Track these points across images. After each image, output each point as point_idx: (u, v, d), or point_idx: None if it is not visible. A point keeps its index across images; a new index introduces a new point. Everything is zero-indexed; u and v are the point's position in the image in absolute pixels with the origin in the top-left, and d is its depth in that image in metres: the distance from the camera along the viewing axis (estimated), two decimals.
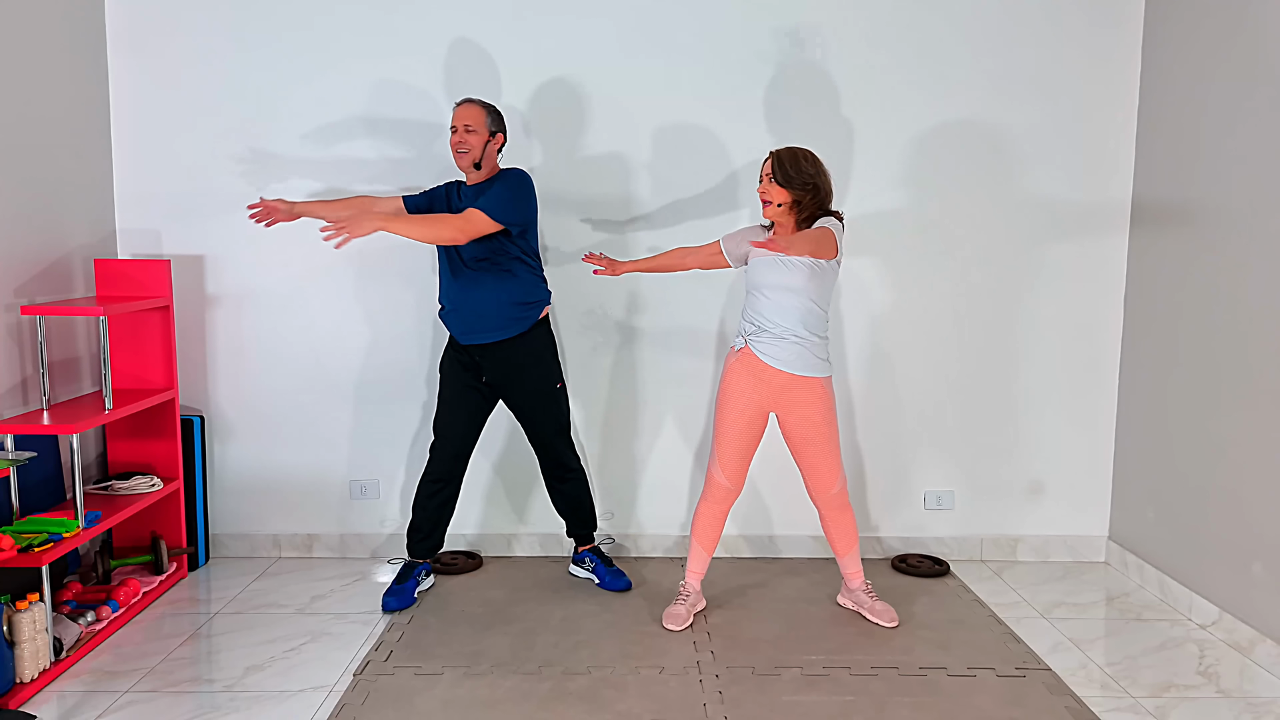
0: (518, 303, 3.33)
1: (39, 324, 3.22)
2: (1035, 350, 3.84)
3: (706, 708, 2.69)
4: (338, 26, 3.71)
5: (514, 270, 3.32)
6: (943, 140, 3.74)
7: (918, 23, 3.71)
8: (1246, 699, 2.78)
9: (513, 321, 3.33)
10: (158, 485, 3.52)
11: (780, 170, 3.05)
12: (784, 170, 3.06)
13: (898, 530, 3.93)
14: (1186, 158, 3.42)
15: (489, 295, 3.31)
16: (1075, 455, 3.89)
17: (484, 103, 3.34)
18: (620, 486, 3.92)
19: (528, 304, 3.35)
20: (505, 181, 3.26)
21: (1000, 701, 2.74)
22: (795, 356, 3.08)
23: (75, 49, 3.54)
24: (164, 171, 3.78)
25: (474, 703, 2.71)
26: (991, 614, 3.36)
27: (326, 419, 3.88)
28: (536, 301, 3.37)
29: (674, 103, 3.73)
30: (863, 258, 3.80)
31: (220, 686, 2.83)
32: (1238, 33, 3.15)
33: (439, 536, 3.51)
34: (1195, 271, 3.36)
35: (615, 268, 3.40)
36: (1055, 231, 3.78)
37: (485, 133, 3.31)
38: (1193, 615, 3.33)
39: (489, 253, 3.29)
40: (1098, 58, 3.72)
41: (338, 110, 3.74)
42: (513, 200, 3.23)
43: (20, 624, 2.74)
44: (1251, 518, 3.06)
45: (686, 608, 3.26)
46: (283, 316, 3.84)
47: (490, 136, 3.32)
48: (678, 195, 3.77)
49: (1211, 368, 3.26)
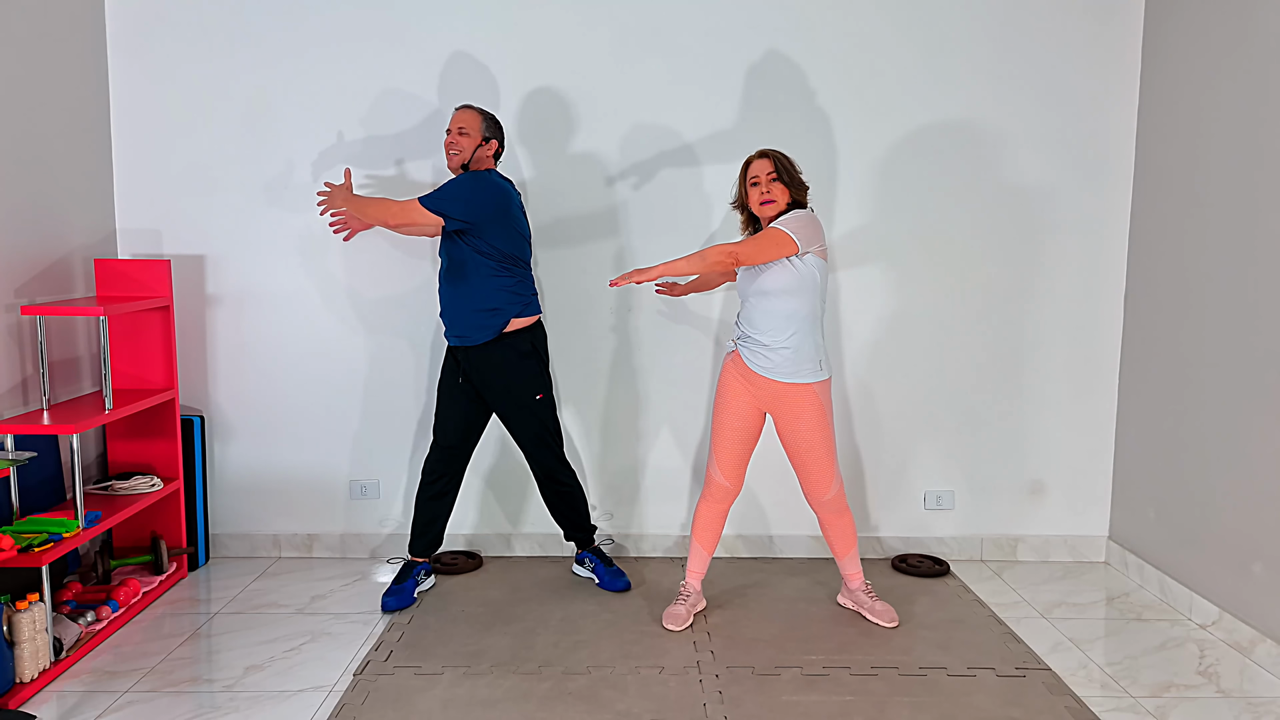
0: (479, 309, 3.31)
1: (39, 324, 3.22)
2: (1035, 350, 3.84)
3: (706, 708, 2.69)
4: (338, 26, 3.71)
5: (480, 275, 3.30)
6: (942, 140, 3.74)
7: (917, 23, 3.70)
8: (1246, 699, 2.78)
9: (477, 328, 3.32)
10: (158, 485, 3.52)
11: (785, 172, 3.06)
12: (787, 171, 3.06)
13: (898, 530, 3.93)
14: (1186, 158, 3.42)
15: (459, 298, 3.33)
16: (1075, 455, 3.89)
17: (482, 110, 3.37)
18: (620, 487, 3.92)
19: (490, 310, 3.31)
20: (459, 178, 3.26)
21: (1000, 701, 2.74)
22: (782, 363, 3.07)
23: (75, 49, 3.54)
24: (164, 171, 3.78)
25: (474, 703, 2.72)
26: (991, 614, 3.35)
27: (326, 419, 3.88)
28: (500, 310, 3.32)
29: (671, 110, 3.73)
30: (863, 258, 3.80)
31: (220, 686, 2.83)
32: (1238, 32, 3.15)
33: (437, 533, 3.51)
34: (1195, 271, 3.36)
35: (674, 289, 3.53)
36: (1055, 231, 3.78)
37: (478, 137, 3.32)
38: (1193, 615, 3.33)
39: (461, 256, 3.30)
40: (1098, 58, 3.72)
41: (339, 110, 3.74)
42: (456, 195, 3.22)
43: (20, 624, 2.74)
44: (1251, 518, 3.06)
45: (686, 608, 3.26)
46: (283, 316, 3.84)
47: (483, 142, 3.33)
48: (674, 202, 3.77)
49: (1212, 368, 3.26)
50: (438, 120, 3.74)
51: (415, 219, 3.21)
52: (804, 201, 3.10)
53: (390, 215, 3.22)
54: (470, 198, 3.22)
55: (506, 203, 3.29)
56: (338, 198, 3.30)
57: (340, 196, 3.30)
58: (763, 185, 3.06)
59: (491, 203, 3.25)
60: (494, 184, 3.27)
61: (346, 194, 3.30)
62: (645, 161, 3.76)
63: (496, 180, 3.29)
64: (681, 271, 2.96)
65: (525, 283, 3.39)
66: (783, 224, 2.99)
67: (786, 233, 2.96)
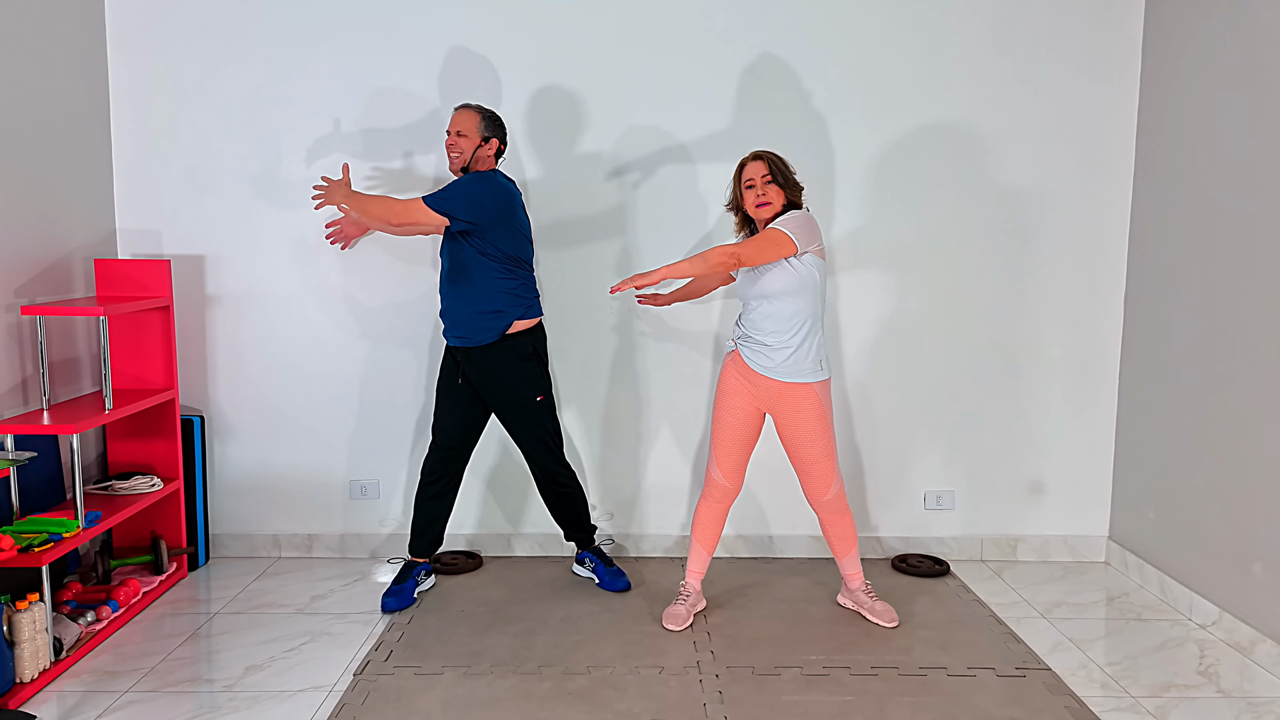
0: (482, 311, 3.30)
1: (39, 324, 3.22)
2: (1035, 350, 3.84)
3: (706, 708, 2.69)
4: (338, 25, 3.71)
5: (484, 276, 3.29)
6: (941, 140, 3.74)
7: (916, 24, 3.70)
8: (1246, 699, 2.78)
9: (479, 330, 3.32)
10: (158, 485, 3.52)
11: (780, 174, 3.06)
12: (782, 173, 3.07)
13: (898, 530, 3.93)
14: (1186, 157, 3.42)
15: (461, 300, 3.32)
16: (1075, 455, 3.89)
17: (481, 108, 3.34)
18: (621, 487, 3.92)
19: (494, 313, 3.31)
20: (463, 179, 3.25)
21: (1000, 701, 2.74)
22: (782, 363, 3.07)
23: (75, 48, 3.54)
24: (164, 172, 3.78)
25: (474, 703, 2.72)
26: (991, 614, 3.36)
27: (326, 419, 3.88)
28: (503, 312, 3.32)
29: (672, 109, 3.73)
30: (862, 259, 3.80)
31: (220, 686, 2.83)
32: (1238, 32, 3.14)
33: (437, 534, 3.51)
34: (1195, 271, 3.36)
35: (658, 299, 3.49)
36: (1055, 231, 3.78)
37: (477, 138, 3.31)
38: (1193, 615, 3.33)
39: (464, 258, 3.29)
40: (1098, 58, 3.71)
41: (339, 109, 3.74)
42: (460, 195, 3.21)
43: (20, 624, 2.74)
44: (1251, 518, 3.06)
45: (686, 608, 3.26)
46: (283, 316, 3.84)
47: (483, 142, 3.32)
48: (674, 201, 3.77)
49: (1211, 367, 3.26)
50: (439, 117, 3.74)
51: (418, 218, 3.18)
52: (799, 202, 3.10)
53: (393, 214, 3.17)
54: (474, 198, 3.21)
55: (510, 204, 3.28)
56: (337, 194, 3.20)
57: (340, 193, 3.20)
58: (758, 188, 3.05)
59: (495, 204, 3.23)
60: (498, 184, 3.26)
61: (346, 190, 3.23)
62: (645, 161, 3.76)
63: (500, 181, 3.28)
64: (684, 274, 2.93)
65: (528, 284, 3.38)
66: (781, 224, 2.99)
67: (785, 233, 2.96)
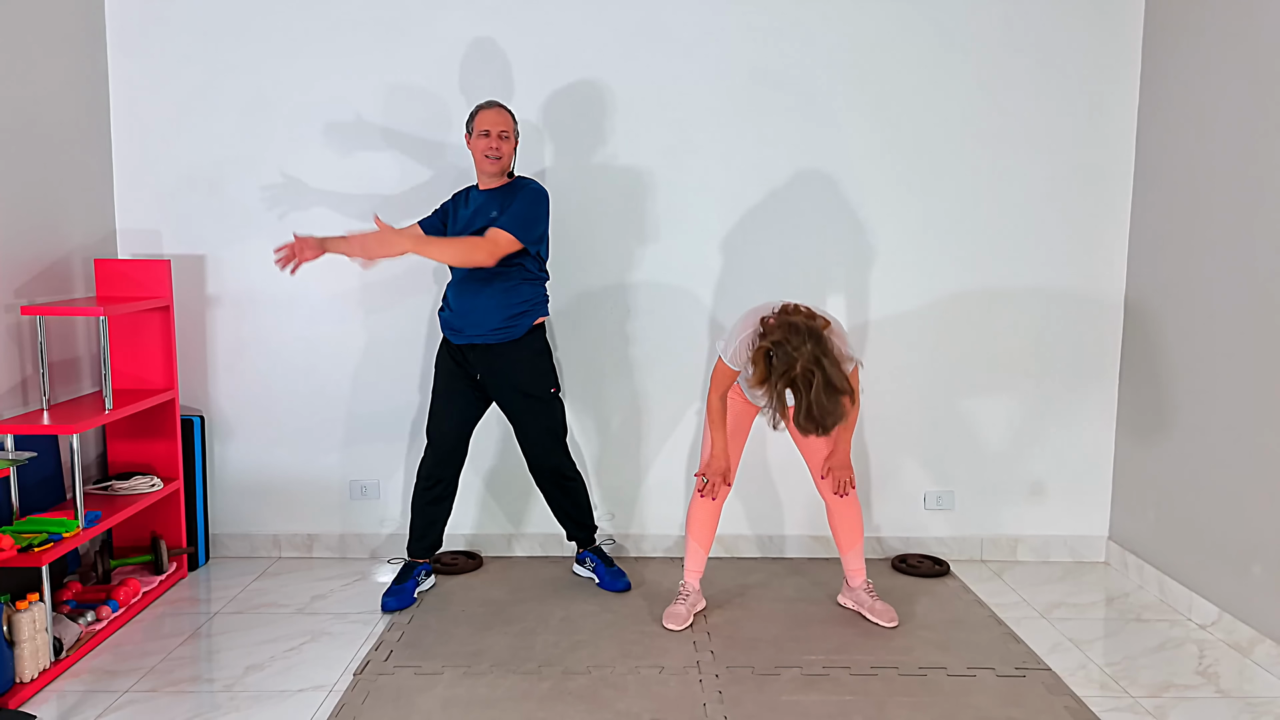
0: (513, 312, 3.32)
1: (39, 324, 3.22)
2: (1035, 350, 3.84)
3: (706, 708, 2.69)
4: (340, 25, 3.71)
5: (516, 279, 3.31)
6: (942, 140, 3.74)
7: (916, 23, 3.71)
8: (1246, 699, 2.78)
9: (505, 329, 3.33)
10: (158, 485, 3.52)
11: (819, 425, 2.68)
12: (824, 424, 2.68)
13: (898, 530, 3.93)
14: (1186, 157, 3.41)
15: (490, 303, 3.31)
16: (1075, 455, 3.89)
17: (508, 107, 3.40)
18: (621, 487, 3.92)
19: (522, 313, 3.34)
20: (525, 199, 3.26)
21: (1000, 701, 2.74)
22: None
23: (75, 49, 3.54)
24: (164, 171, 3.78)
25: (474, 702, 2.72)
26: (991, 614, 3.35)
27: (326, 419, 3.88)
28: (531, 311, 3.36)
29: (672, 110, 3.73)
30: (862, 259, 3.80)
31: (220, 686, 2.83)
32: (1238, 32, 3.15)
33: (436, 536, 3.51)
34: (1195, 271, 3.36)
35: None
36: (1055, 231, 3.78)
37: (515, 139, 3.36)
38: (1193, 615, 3.33)
39: (499, 263, 3.28)
40: (1098, 58, 3.71)
41: (340, 110, 3.74)
42: (535, 220, 3.27)
43: (20, 624, 2.74)
44: (1251, 518, 3.06)
45: (686, 607, 3.26)
46: (283, 316, 3.84)
47: (516, 142, 3.38)
48: (674, 200, 3.77)
49: (1211, 368, 3.26)
50: (442, 117, 3.74)
51: (506, 250, 3.18)
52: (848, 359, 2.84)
53: (480, 254, 3.12)
54: (545, 218, 3.30)
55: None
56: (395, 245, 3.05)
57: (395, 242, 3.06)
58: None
59: (549, 216, 3.33)
60: (548, 198, 3.34)
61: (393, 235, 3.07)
62: (646, 160, 3.76)
63: (545, 190, 3.34)
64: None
65: (546, 282, 3.45)
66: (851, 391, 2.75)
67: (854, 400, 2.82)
